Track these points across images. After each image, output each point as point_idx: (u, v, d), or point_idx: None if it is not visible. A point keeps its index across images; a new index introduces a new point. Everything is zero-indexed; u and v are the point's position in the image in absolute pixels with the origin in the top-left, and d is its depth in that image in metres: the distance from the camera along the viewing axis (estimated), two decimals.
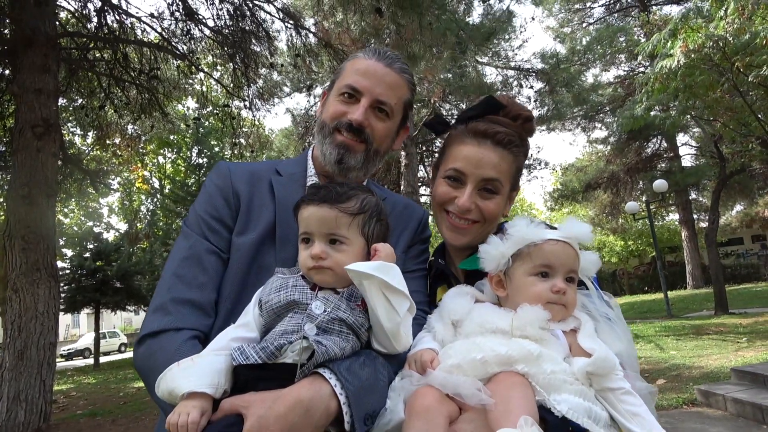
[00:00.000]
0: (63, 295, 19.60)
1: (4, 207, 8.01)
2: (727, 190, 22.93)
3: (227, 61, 11.34)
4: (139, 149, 16.49)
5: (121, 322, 52.67)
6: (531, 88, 19.18)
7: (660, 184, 17.29)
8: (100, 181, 15.81)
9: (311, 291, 1.23)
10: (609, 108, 25.91)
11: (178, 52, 10.68)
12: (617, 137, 26.60)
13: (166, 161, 25.85)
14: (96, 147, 15.47)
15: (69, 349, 34.06)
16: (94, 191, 17.04)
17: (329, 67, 11.32)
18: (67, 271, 20.80)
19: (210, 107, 13.57)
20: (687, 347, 9.85)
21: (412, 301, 1.24)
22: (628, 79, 25.16)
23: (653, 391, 1.26)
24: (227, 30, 10.40)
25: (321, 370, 1.12)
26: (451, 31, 11.55)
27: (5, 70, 10.03)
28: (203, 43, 11.18)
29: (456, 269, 1.67)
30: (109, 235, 25.58)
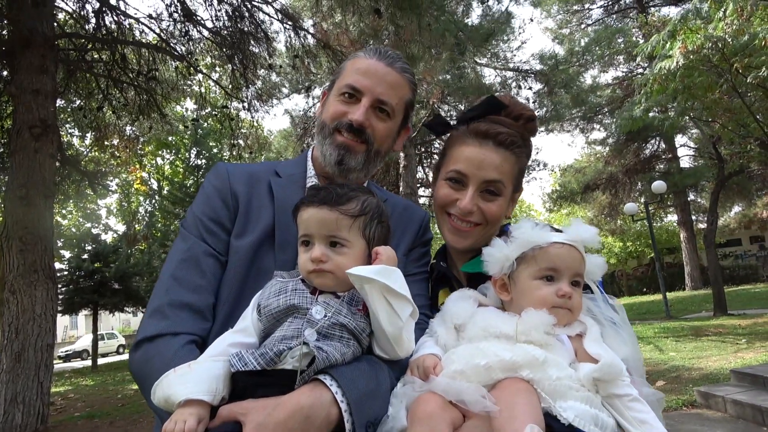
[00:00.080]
0: (61, 296, 19.56)
1: (2, 208, 7.98)
2: (726, 192, 22.95)
3: (226, 62, 11.33)
4: (138, 150, 16.48)
5: (119, 323, 52.58)
6: (530, 89, 19.26)
7: (658, 186, 17.28)
8: (99, 183, 15.79)
9: (311, 295, 1.21)
10: (607, 109, 25.93)
11: (176, 53, 10.68)
12: (616, 138, 26.65)
13: (165, 162, 25.79)
14: (94, 148, 15.44)
15: (67, 350, 33.95)
16: (92, 192, 16.99)
17: (328, 69, 11.31)
18: (65, 272, 20.72)
19: (208, 108, 13.55)
20: (686, 348, 9.83)
21: (415, 305, 1.22)
22: (627, 81, 25.21)
23: (660, 397, 1.23)
24: (226, 31, 10.40)
25: (322, 377, 1.10)
26: (449, 32, 11.56)
27: (3, 71, 10.00)
28: (202, 44, 11.18)
29: (458, 272, 1.65)
30: (108, 237, 25.63)
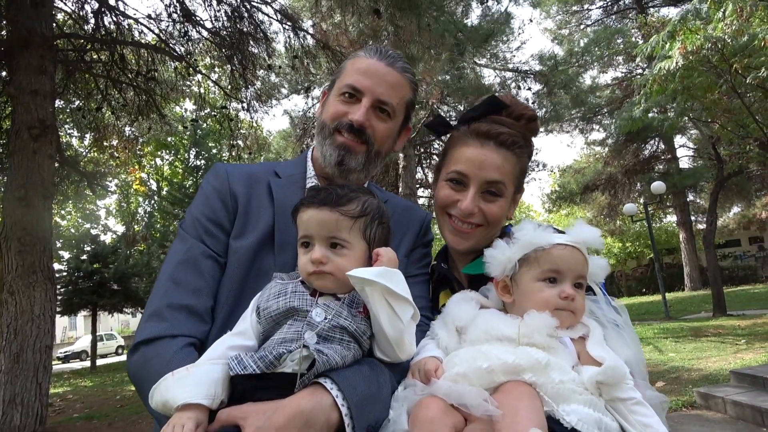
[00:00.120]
0: (60, 297, 19.54)
1: (1, 209, 7.95)
2: (725, 192, 22.95)
3: (225, 62, 11.32)
4: (137, 151, 16.47)
5: (118, 324, 52.58)
6: (529, 89, 19.25)
7: (658, 186, 17.28)
8: (97, 183, 15.79)
9: (311, 297, 1.19)
10: (607, 110, 25.93)
11: (175, 54, 10.66)
12: (615, 139, 26.66)
13: (164, 163, 25.74)
14: (93, 149, 15.41)
15: (66, 351, 33.92)
16: (91, 193, 17.00)
17: (327, 69, 11.30)
18: (64, 273, 20.69)
19: (208, 109, 13.53)
20: (686, 349, 9.83)
21: (416, 308, 1.20)
22: (626, 81, 25.20)
23: (664, 400, 1.22)
24: (225, 31, 10.38)
25: (322, 380, 1.08)
26: (449, 33, 11.55)
27: (1, 72, 9.98)
28: (201, 44, 11.17)
29: (459, 274, 1.63)
30: (107, 237, 25.53)
